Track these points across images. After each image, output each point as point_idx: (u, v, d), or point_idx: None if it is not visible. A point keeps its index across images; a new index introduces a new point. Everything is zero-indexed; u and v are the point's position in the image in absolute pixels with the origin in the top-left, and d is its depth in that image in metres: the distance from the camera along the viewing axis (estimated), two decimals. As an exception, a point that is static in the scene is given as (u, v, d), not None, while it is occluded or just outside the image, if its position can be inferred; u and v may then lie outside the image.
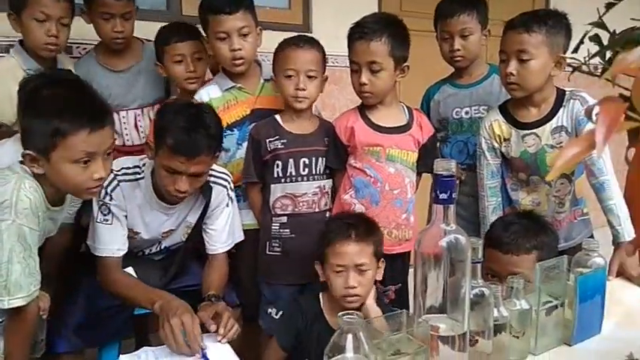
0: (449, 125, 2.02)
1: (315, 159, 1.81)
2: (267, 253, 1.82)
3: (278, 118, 1.81)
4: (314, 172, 1.81)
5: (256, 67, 1.97)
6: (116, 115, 2.03)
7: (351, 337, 0.83)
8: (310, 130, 1.82)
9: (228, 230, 1.74)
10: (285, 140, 1.77)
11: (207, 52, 1.97)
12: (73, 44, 2.20)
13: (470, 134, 2.00)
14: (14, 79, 1.66)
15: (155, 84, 2.15)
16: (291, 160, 1.78)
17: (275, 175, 1.79)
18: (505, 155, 1.80)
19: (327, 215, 1.85)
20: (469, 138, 2.00)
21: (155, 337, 1.61)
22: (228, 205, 1.73)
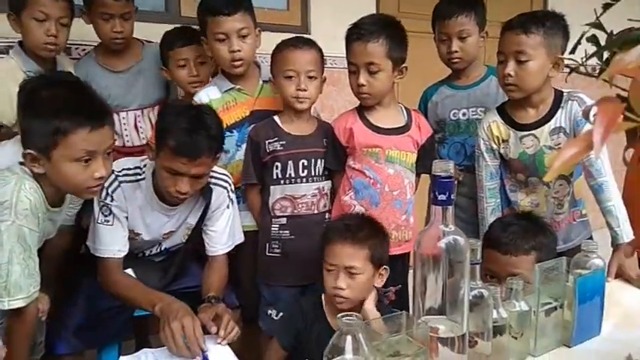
0: (446, 126, 2.02)
1: (314, 160, 1.81)
2: (267, 254, 1.82)
3: (277, 119, 1.81)
4: (313, 173, 1.81)
5: (255, 69, 1.97)
6: (116, 116, 2.03)
7: (351, 339, 0.83)
8: (309, 132, 1.82)
9: (228, 232, 1.74)
10: (284, 142, 1.77)
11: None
12: (72, 45, 2.20)
13: (467, 135, 1.99)
14: (14, 80, 1.66)
15: (155, 85, 2.15)
16: (291, 162, 1.78)
17: (274, 177, 1.79)
18: (504, 156, 1.80)
19: (326, 216, 1.85)
20: (466, 139, 1.99)
21: (155, 338, 1.61)
22: (228, 207, 1.73)
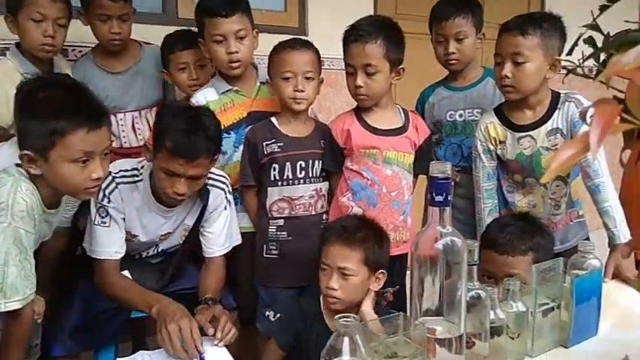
0: (443, 128, 2.03)
1: (312, 162, 1.81)
2: (265, 255, 1.82)
3: (274, 120, 1.81)
4: (311, 174, 1.81)
5: (253, 70, 1.97)
6: (113, 118, 2.03)
7: (348, 340, 0.83)
8: (306, 133, 1.82)
9: (225, 233, 1.74)
10: (282, 143, 1.77)
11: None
12: (68, 47, 2.20)
13: (464, 137, 2.00)
14: (11, 82, 1.66)
15: (152, 86, 2.15)
16: (288, 164, 1.78)
17: (272, 178, 1.79)
18: (501, 157, 1.80)
19: (323, 218, 1.85)
20: (463, 140, 2.00)
21: (152, 340, 1.61)
22: (226, 208, 1.73)
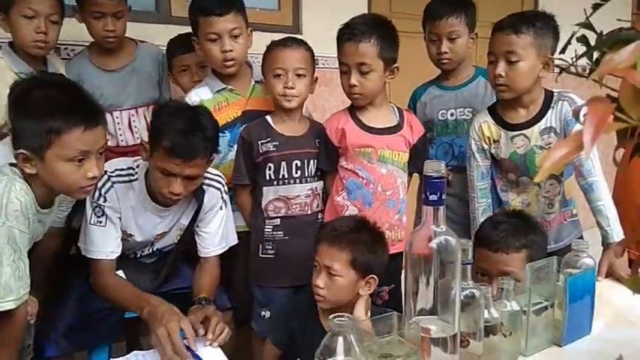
0: (434, 127, 2.03)
1: (307, 161, 1.80)
2: (260, 255, 1.82)
3: (269, 119, 1.81)
4: (306, 174, 1.80)
5: (247, 69, 1.97)
6: (110, 116, 2.03)
7: (342, 340, 0.83)
8: (301, 132, 1.82)
9: (221, 233, 1.73)
10: (277, 142, 1.77)
11: None
12: (61, 45, 2.18)
13: (455, 136, 2.01)
14: (3, 81, 1.65)
15: (148, 84, 2.15)
16: (284, 163, 1.77)
17: (267, 178, 1.78)
18: (495, 156, 1.81)
19: (319, 217, 1.84)
20: (454, 139, 2.01)
21: (146, 340, 1.60)
22: (222, 208, 1.72)
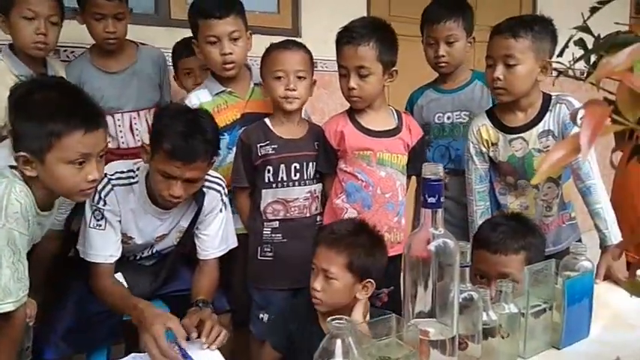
0: (431, 130, 2.03)
1: (306, 164, 1.80)
2: (259, 258, 1.81)
3: (268, 121, 1.81)
4: (305, 177, 1.80)
5: (246, 72, 1.97)
6: (111, 118, 2.03)
7: (340, 342, 0.83)
8: (300, 135, 1.82)
9: (221, 235, 1.72)
10: (276, 145, 1.77)
11: None
12: (60, 47, 2.19)
13: (451, 139, 2.02)
14: (3, 83, 1.65)
15: (149, 87, 2.16)
16: (283, 166, 1.77)
17: (266, 181, 1.78)
18: (493, 159, 1.81)
19: (317, 219, 1.84)
20: (450, 142, 2.02)
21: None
22: (221, 211, 1.72)
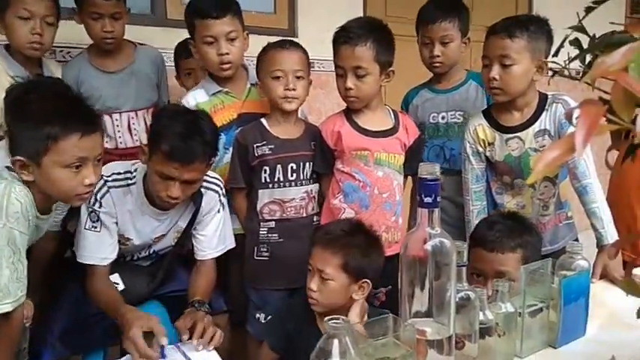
0: (426, 130, 2.03)
1: (303, 164, 1.80)
2: (255, 258, 1.81)
3: (264, 122, 1.81)
4: (302, 177, 1.80)
5: (243, 72, 1.97)
6: (109, 118, 2.03)
7: (337, 342, 0.82)
8: (297, 135, 1.82)
9: (218, 236, 1.72)
10: (273, 146, 1.77)
11: None
12: (56, 48, 2.19)
13: (446, 139, 2.02)
14: (-1, 84, 1.64)
15: (147, 87, 2.15)
16: (279, 166, 1.77)
17: (262, 181, 1.78)
18: (489, 159, 1.81)
19: (314, 220, 1.84)
20: (445, 142, 2.02)
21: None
22: (219, 211, 1.71)
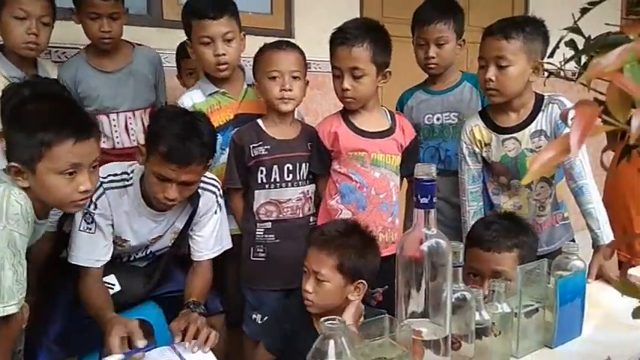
0: (421, 131, 2.03)
1: (299, 164, 1.80)
2: (252, 258, 1.81)
3: (260, 122, 1.81)
4: (298, 177, 1.81)
5: (240, 72, 1.97)
6: (106, 118, 2.03)
7: (333, 343, 0.82)
8: (293, 135, 1.82)
9: (215, 237, 1.72)
10: (269, 146, 1.77)
11: None
12: (52, 48, 2.18)
13: (441, 140, 2.03)
14: (-6, 84, 1.64)
15: (145, 87, 2.15)
16: (276, 167, 1.77)
17: (259, 182, 1.78)
18: (486, 160, 1.82)
19: (311, 220, 1.84)
20: (440, 143, 2.03)
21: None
22: (216, 212, 1.71)
